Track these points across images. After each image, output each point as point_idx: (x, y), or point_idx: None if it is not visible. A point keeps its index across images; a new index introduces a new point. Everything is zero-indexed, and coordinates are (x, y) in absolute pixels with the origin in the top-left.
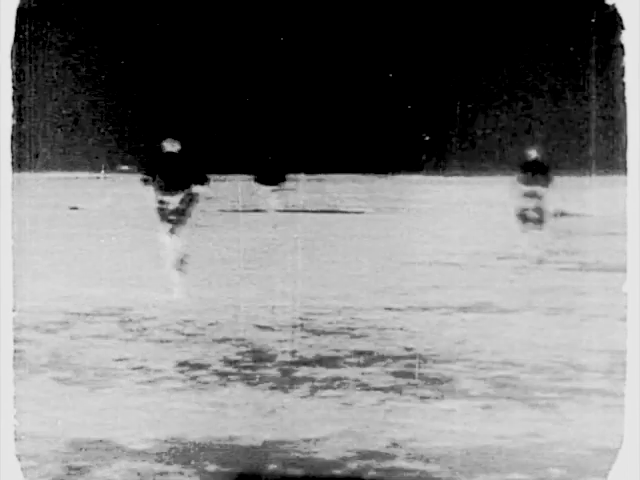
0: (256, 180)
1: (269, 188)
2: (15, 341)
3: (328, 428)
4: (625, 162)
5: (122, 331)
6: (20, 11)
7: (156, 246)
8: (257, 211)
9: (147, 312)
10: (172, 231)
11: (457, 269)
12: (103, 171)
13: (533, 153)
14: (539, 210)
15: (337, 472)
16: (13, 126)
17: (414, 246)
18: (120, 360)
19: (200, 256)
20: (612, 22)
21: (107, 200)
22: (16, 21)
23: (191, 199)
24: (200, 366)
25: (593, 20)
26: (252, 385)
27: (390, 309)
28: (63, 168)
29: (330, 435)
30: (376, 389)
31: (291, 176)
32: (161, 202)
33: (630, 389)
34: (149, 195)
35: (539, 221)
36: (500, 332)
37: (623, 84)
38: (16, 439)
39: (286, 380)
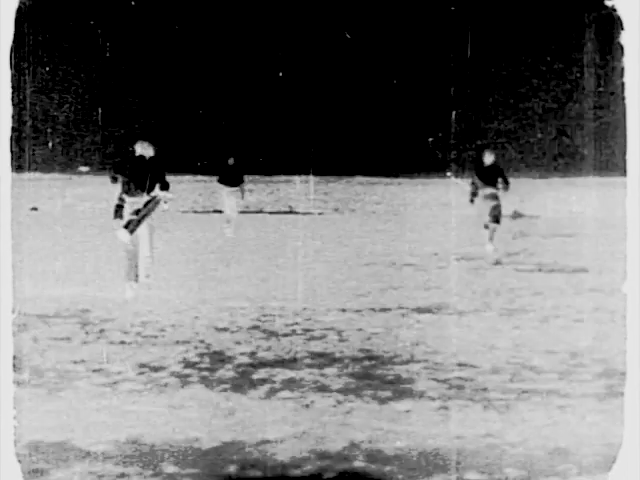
0: (219, 181)
1: (230, 189)
2: None
3: (286, 429)
4: (619, 164)
5: (82, 333)
6: (20, 11)
7: (116, 246)
8: (216, 212)
9: (106, 314)
10: (132, 231)
11: (414, 270)
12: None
13: (490, 156)
14: (496, 212)
15: (296, 473)
16: (12, 127)
17: (371, 247)
18: (79, 362)
19: (159, 257)
20: (612, 22)
21: (67, 201)
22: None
23: (153, 202)
24: (159, 368)
25: (593, 20)
26: (211, 387)
27: (348, 310)
28: (26, 169)
29: (288, 436)
30: (334, 391)
31: (251, 177)
32: (121, 200)
33: (630, 390)
34: (115, 195)
35: (496, 223)
36: (457, 333)
37: (623, 84)
38: None
39: (245, 382)
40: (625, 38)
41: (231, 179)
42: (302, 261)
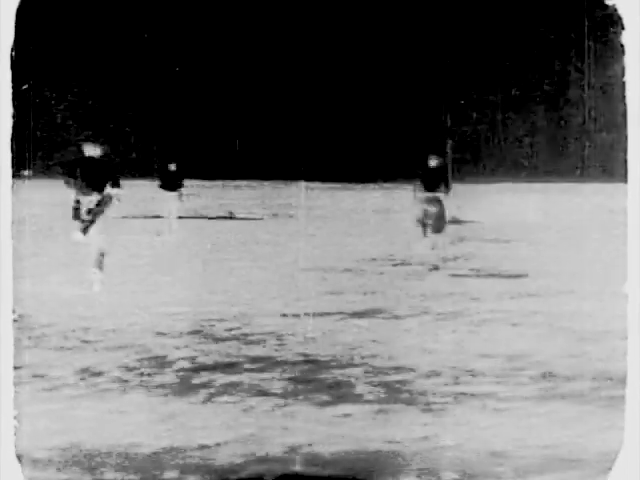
0: (160, 186)
1: (170, 194)
2: None
3: (226, 434)
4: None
5: (23, 338)
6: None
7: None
8: (156, 217)
9: (46, 319)
10: (84, 230)
11: (353, 275)
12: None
13: (433, 160)
14: (439, 217)
15: (233, 478)
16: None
17: (311, 252)
18: (20, 368)
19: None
20: (612, 22)
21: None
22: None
23: (105, 200)
24: (99, 373)
25: (593, 20)
26: (151, 392)
27: (287, 315)
28: None
29: (228, 441)
30: (273, 395)
31: (192, 182)
32: (77, 202)
33: (631, 392)
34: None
35: (437, 228)
36: (394, 337)
37: (623, 84)
38: None
39: (185, 386)
40: (626, 38)
41: (171, 184)
42: (241, 266)
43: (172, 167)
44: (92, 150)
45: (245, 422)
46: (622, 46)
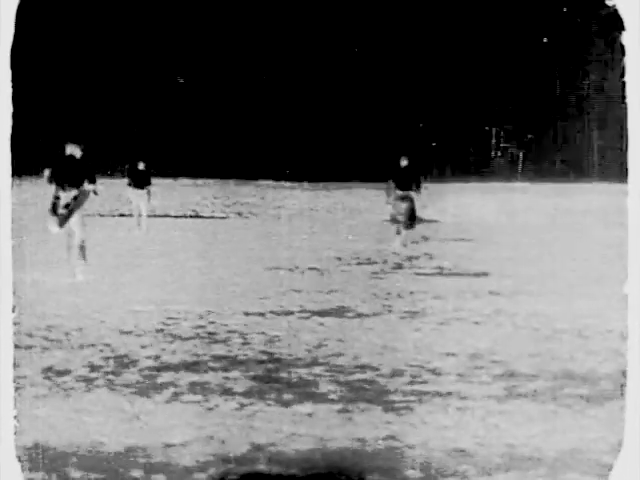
0: (128, 184)
1: (138, 191)
2: None
3: (190, 433)
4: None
5: None
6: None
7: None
8: (122, 215)
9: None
10: (61, 224)
11: (317, 274)
12: None
13: (405, 160)
14: (410, 214)
15: (200, 477)
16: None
17: (275, 251)
18: None
19: (64, 262)
20: (612, 22)
21: None
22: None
23: (81, 195)
24: (64, 372)
25: (594, 20)
26: (116, 391)
27: (251, 314)
28: None
29: (192, 440)
30: (237, 394)
31: (159, 181)
32: (57, 197)
33: (631, 392)
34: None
35: (408, 225)
36: (358, 336)
37: (623, 84)
38: None
39: (149, 385)
40: (626, 38)
41: (139, 182)
42: (206, 264)
43: (141, 166)
44: (73, 150)
45: (209, 421)
46: (622, 46)
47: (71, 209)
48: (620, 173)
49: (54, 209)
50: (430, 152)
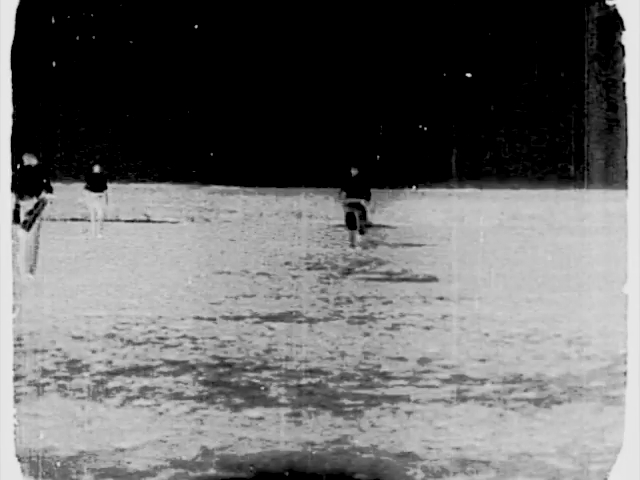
0: (85, 187)
1: (95, 195)
2: None
3: (141, 437)
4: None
5: None
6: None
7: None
8: (74, 220)
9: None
10: (29, 228)
11: (267, 279)
12: None
13: (355, 170)
14: (361, 221)
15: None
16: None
17: (225, 256)
18: None
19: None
20: (612, 22)
21: None
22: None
23: (41, 203)
24: (16, 377)
25: (594, 20)
26: (67, 395)
27: (202, 318)
28: None
29: (143, 444)
30: (188, 398)
31: (112, 185)
32: (17, 206)
33: (630, 392)
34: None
35: (360, 231)
36: (308, 341)
37: (623, 84)
38: None
39: (100, 390)
40: (626, 38)
41: (96, 185)
42: (157, 269)
43: (96, 169)
44: (30, 159)
45: (160, 425)
46: (622, 46)
47: (35, 214)
48: (564, 179)
49: (16, 218)
50: (379, 161)
